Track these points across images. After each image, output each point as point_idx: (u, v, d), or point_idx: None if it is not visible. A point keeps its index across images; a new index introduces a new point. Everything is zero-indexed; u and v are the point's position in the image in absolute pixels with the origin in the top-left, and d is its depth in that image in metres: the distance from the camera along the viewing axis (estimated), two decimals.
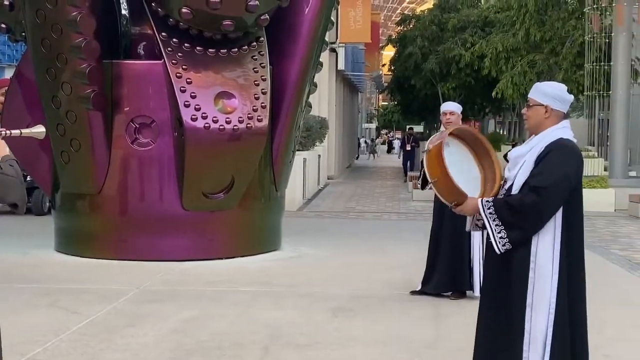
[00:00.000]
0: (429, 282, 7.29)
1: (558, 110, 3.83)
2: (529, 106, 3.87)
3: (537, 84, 4.00)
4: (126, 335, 5.91)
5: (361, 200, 18.63)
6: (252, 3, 8.67)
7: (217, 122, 8.72)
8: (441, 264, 7.16)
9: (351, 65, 31.53)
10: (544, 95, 3.84)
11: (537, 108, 3.84)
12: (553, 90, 3.87)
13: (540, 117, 3.82)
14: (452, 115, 6.99)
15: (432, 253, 7.28)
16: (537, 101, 3.85)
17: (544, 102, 3.82)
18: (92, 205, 9.32)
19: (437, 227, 7.23)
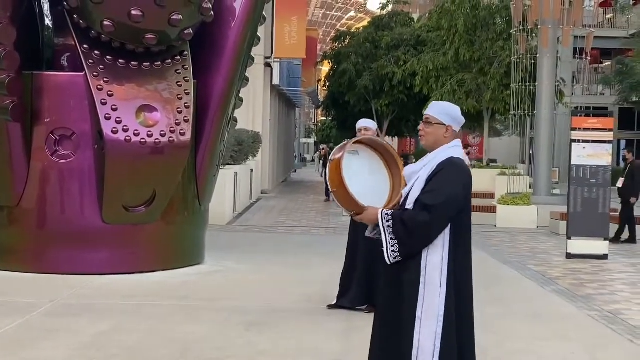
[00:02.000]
0: (345, 295, 7.41)
1: (454, 131, 3.99)
2: (430, 123, 4.00)
3: (437, 103, 4.15)
4: (35, 348, 5.86)
5: (292, 215, 18.72)
6: (175, 17, 8.72)
7: (139, 136, 8.71)
8: (357, 277, 7.29)
9: (287, 81, 31.68)
10: (447, 115, 3.99)
11: (438, 127, 3.98)
12: (455, 112, 4.03)
13: (440, 135, 3.97)
14: (367, 132, 7.15)
15: (348, 267, 7.40)
16: (439, 120, 3.98)
17: (446, 122, 3.97)
18: (9, 218, 9.18)
19: (353, 241, 7.37)
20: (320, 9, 74.00)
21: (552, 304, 8.43)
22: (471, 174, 4.02)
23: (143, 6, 8.49)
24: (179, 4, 8.68)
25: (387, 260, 3.90)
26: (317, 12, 73.29)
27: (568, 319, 7.66)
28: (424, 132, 4.05)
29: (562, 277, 10.40)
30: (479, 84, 23.24)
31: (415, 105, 29.18)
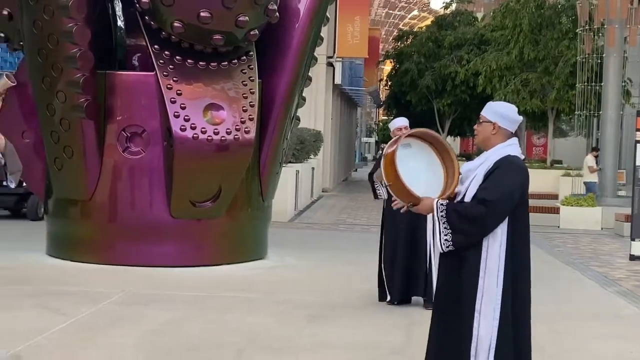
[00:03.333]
0: (390, 290, 7.58)
1: (505, 129, 4.11)
2: (479, 122, 4.15)
3: (489, 102, 4.28)
4: (107, 335, 6.17)
5: (352, 213, 18.87)
6: (241, 18, 8.98)
7: (206, 133, 9.00)
8: (398, 271, 7.48)
9: (349, 80, 31.83)
10: (493, 113, 4.12)
11: (486, 125, 4.12)
12: (502, 109, 4.15)
13: (488, 133, 4.10)
14: (399, 131, 7.35)
15: (389, 262, 7.59)
16: (486, 118, 4.13)
17: (492, 120, 4.10)
18: (83, 211, 9.58)
19: (394, 235, 7.56)
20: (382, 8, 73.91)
21: (613, 304, 8.41)
22: (528, 172, 4.14)
23: (211, 8, 8.77)
24: (246, 6, 8.93)
25: (439, 248, 4.05)
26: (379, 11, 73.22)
27: (628, 319, 7.65)
28: (476, 131, 4.21)
29: (625, 278, 10.32)
30: (543, 83, 23.03)
31: (477, 105, 28.96)
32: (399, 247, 7.55)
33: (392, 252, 7.59)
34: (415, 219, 7.25)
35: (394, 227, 7.57)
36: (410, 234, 7.42)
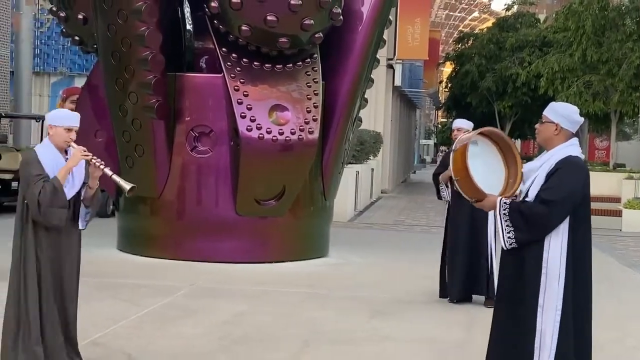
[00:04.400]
0: (450, 288, 7.71)
1: (567, 130, 4.23)
2: (542, 122, 4.28)
3: (552, 103, 4.41)
4: (179, 325, 6.46)
5: (411, 214, 18.97)
6: (307, 22, 9.21)
7: (271, 133, 9.27)
8: (458, 269, 7.60)
9: (408, 82, 31.87)
10: (556, 114, 4.25)
11: (548, 125, 4.25)
12: (565, 110, 4.27)
13: (550, 133, 4.23)
14: (459, 132, 7.46)
15: (450, 260, 7.72)
16: (549, 118, 4.26)
17: (554, 120, 4.23)
18: (152, 208, 9.93)
19: (455, 235, 7.68)
20: (443, 9, 73.60)
21: None
22: (588, 171, 4.26)
23: (278, 12, 9.03)
24: (311, 9, 9.17)
25: (503, 245, 4.20)
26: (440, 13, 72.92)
27: None
28: (537, 130, 4.34)
29: None
30: (606, 85, 22.71)
31: (539, 107, 28.70)
32: (460, 247, 7.69)
33: (454, 252, 7.73)
34: (477, 220, 7.40)
35: (456, 227, 7.71)
36: (472, 234, 7.56)
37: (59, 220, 4.68)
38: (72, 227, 4.85)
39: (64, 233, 4.79)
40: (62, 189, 4.66)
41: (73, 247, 4.88)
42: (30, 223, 4.74)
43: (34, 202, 4.63)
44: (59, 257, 4.78)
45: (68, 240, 4.82)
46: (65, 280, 4.81)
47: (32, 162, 4.71)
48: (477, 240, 7.57)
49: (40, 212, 4.63)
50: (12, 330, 4.74)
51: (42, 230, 4.73)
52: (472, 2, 75.68)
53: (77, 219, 4.84)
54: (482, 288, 7.59)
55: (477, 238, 7.56)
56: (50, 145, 4.78)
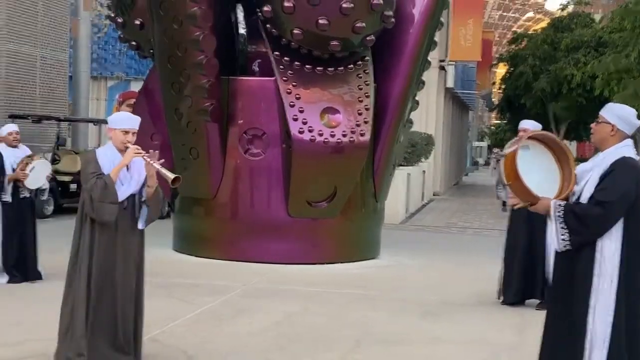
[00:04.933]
0: (507, 291, 7.68)
1: (623, 132, 4.22)
2: (598, 122, 4.28)
3: (609, 104, 4.40)
4: (233, 323, 6.60)
5: (464, 217, 18.88)
6: (358, 25, 9.29)
7: (322, 136, 9.36)
8: (516, 273, 7.58)
9: (461, 83, 31.70)
10: (613, 115, 4.24)
11: (605, 125, 4.24)
12: (622, 112, 4.26)
13: (606, 134, 4.23)
14: (525, 133, 7.39)
15: (508, 263, 7.69)
16: (605, 119, 4.25)
17: (611, 121, 4.22)
18: (206, 210, 10.12)
19: (513, 239, 7.65)
20: (496, 10, 72.88)
21: None
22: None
23: (329, 15, 9.12)
24: (363, 12, 9.24)
25: (556, 247, 4.20)
26: (493, 13, 72.24)
27: None
28: (593, 130, 4.33)
29: None
30: None
31: (594, 108, 28.26)
32: (518, 250, 7.65)
33: (512, 255, 7.71)
34: (535, 223, 7.35)
35: (515, 230, 7.69)
36: (530, 237, 7.53)
37: (109, 215, 4.81)
38: (130, 228, 4.98)
39: (120, 233, 4.90)
40: (112, 185, 4.80)
41: (131, 247, 4.98)
42: (88, 223, 4.89)
43: (88, 197, 4.80)
44: (113, 258, 4.89)
45: (125, 241, 4.93)
46: (119, 280, 4.91)
47: (90, 161, 4.91)
48: (536, 243, 7.53)
49: (93, 207, 4.80)
50: (64, 325, 4.91)
51: (97, 230, 4.87)
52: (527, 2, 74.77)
53: (136, 220, 4.98)
54: (538, 292, 7.55)
55: (536, 241, 7.52)
56: (111, 146, 4.97)
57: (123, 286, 4.95)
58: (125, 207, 4.91)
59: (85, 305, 4.84)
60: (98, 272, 4.86)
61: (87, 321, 4.83)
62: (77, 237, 4.96)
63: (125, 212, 4.92)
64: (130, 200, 4.95)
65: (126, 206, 4.92)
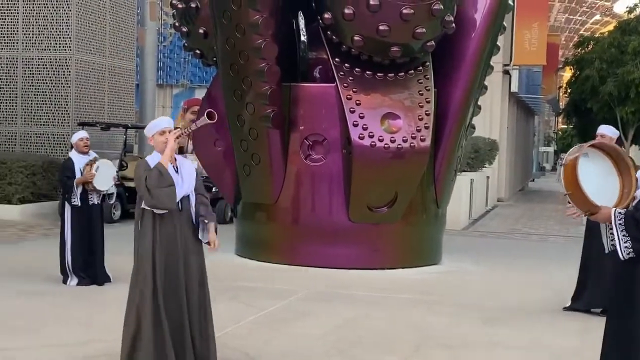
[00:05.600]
0: (580, 298, 7.56)
1: None
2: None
3: None
4: (295, 327, 6.69)
5: (528, 223, 18.64)
6: (419, 30, 9.30)
7: (383, 141, 9.40)
8: (591, 280, 7.43)
9: (526, 88, 31.31)
10: None
11: None
12: None
13: None
14: (602, 138, 7.27)
15: (583, 269, 7.56)
16: None
17: None
18: (268, 215, 10.25)
19: (588, 244, 7.51)
20: (562, 13, 71.68)
21: None
22: None
23: (390, 22, 9.16)
24: (423, 18, 9.25)
25: (620, 256, 4.15)
26: (559, 17, 71.06)
27: None
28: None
29: None
30: None
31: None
32: (592, 257, 7.50)
33: (585, 262, 7.58)
34: None
35: (590, 238, 7.54)
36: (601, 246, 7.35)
37: (169, 198, 4.83)
38: (190, 230, 5.01)
39: (180, 236, 4.95)
40: (166, 171, 4.85)
41: (192, 249, 5.03)
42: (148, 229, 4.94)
43: (145, 190, 4.86)
44: (175, 261, 4.95)
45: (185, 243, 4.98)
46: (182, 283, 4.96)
47: (140, 165, 5.00)
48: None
49: (151, 195, 4.83)
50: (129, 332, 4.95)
51: (158, 234, 4.92)
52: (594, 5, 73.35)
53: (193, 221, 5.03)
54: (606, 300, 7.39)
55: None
56: (156, 154, 5.03)
57: (187, 290, 5.00)
58: (181, 210, 4.98)
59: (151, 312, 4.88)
60: (161, 276, 4.92)
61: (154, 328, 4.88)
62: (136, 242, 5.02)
63: (182, 214, 4.98)
64: (185, 203, 5.01)
65: (182, 209, 4.99)
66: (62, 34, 15.87)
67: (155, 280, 4.93)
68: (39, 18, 15.94)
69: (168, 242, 4.96)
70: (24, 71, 16.00)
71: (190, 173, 5.07)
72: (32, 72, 15.95)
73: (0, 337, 5.93)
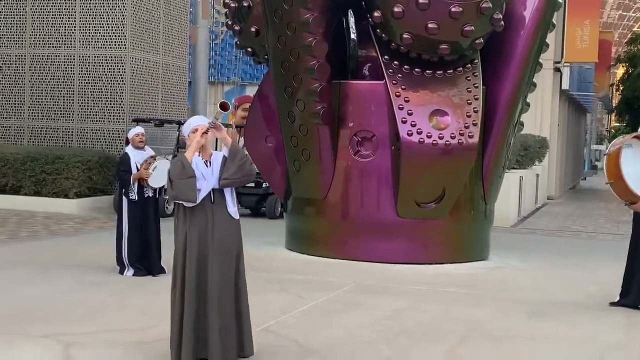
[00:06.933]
0: (627, 294, 7.59)
1: None
2: None
3: None
4: (343, 317, 6.87)
5: (578, 220, 18.52)
6: (467, 28, 9.40)
7: (431, 138, 9.52)
8: (638, 276, 7.46)
9: (577, 85, 30.94)
10: None
11: None
12: None
13: None
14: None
15: (630, 265, 7.59)
16: None
17: None
18: (318, 209, 10.44)
19: (634, 239, 7.53)
20: (616, 10, 70.45)
21: None
22: None
23: (439, 20, 9.28)
24: (472, 16, 9.34)
25: None
26: (612, 13, 69.87)
27: None
28: None
29: None
30: None
31: None
32: (637, 251, 7.53)
33: (633, 257, 7.60)
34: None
35: (635, 233, 7.55)
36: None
37: (190, 189, 4.96)
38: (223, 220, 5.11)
39: (213, 226, 5.07)
40: (188, 163, 5.02)
41: (226, 240, 5.11)
42: (180, 222, 5.12)
43: (169, 182, 5.06)
44: (205, 252, 5.06)
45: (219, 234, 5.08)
46: (212, 277, 5.04)
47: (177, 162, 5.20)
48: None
49: (172, 186, 5.01)
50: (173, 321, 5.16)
51: (190, 225, 5.07)
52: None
53: (228, 212, 5.14)
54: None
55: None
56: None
57: (220, 284, 5.06)
58: (213, 202, 5.12)
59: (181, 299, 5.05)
60: (191, 269, 5.04)
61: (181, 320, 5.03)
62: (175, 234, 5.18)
63: (214, 205, 5.11)
64: (216, 195, 5.14)
65: (214, 200, 5.12)
66: (117, 33, 16.30)
67: (184, 273, 5.08)
68: (95, 17, 16.39)
69: (199, 237, 5.08)
70: (80, 69, 16.47)
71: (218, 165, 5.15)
72: (89, 70, 16.41)
73: (62, 324, 6.23)
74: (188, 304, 5.06)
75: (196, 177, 5.05)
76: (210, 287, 5.06)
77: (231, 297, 5.16)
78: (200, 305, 5.08)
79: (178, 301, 5.11)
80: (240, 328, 5.21)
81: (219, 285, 5.08)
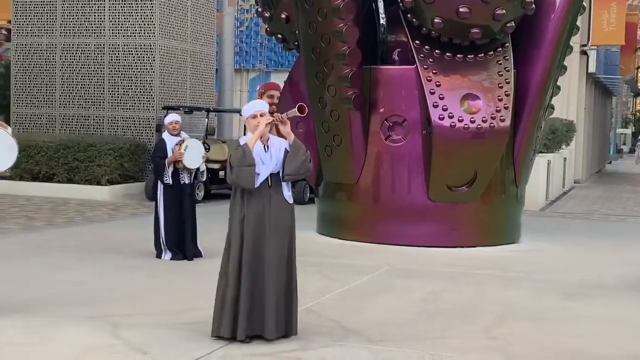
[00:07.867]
0: None
1: None
2: None
3: None
4: (380, 299, 6.98)
5: (606, 204, 18.47)
6: (499, 12, 9.42)
7: (462, 122, 9.57)
8: None
9: (604, 68, 30.71)
10: None
11: None
12: None
13: None
14: None
15: None
16: None
17: None
18: (349, 194, 10.54)
19: None
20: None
21: None
22: None
23: (470, 3, 9.31)
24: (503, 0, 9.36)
25: None
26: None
27: None
28: None
29: None
30: None
31: None
32: None
33: None
34: None
35: None
36: None
37: (247, 177, 5.15)
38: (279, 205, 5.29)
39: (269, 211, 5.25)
40: (249, 151, 5.18)
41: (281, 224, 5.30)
42: (237, 205, 5.28)
43: (228, 166, 5.24)
44: (262, 234, 5.24)
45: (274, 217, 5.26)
46: (269, 256, 5.24)
47: (232, 143, 5.36)
48: None
49: (232, 172, 5.20)
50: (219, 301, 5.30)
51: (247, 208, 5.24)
52: None
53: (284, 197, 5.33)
54: None
55: None
56: (250, 135, 5.36)
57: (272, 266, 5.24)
58: (270, 186, 5.28)
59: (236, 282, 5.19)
60: (247, 252, 5.22)
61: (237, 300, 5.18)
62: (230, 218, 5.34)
63: (271, 190, 5.29)
64: (273, 180, 5.30)
65: (271, 185, 5.29)
66: (146, 21, 16.45)
67: (241, 255, 5.23)
68: (125, 6, 16.56)
69: (256, 219, 5.26)
70: (110, 57, 16.66)
71: (280, 151, 5.34)
72: (119, 58, 16.59)
73: (102, 306, 6.38)
74: (245, 283, 5.21)
75: (255, 164, 5.19)
76: (267, 266, 5.23)
77: (283, 277, 5.32)
78: (255, 284, 5.23)
79: (233, 280, 5.23)
80: (288, 307, 5.35)
81: (276, 265, 5.26)
